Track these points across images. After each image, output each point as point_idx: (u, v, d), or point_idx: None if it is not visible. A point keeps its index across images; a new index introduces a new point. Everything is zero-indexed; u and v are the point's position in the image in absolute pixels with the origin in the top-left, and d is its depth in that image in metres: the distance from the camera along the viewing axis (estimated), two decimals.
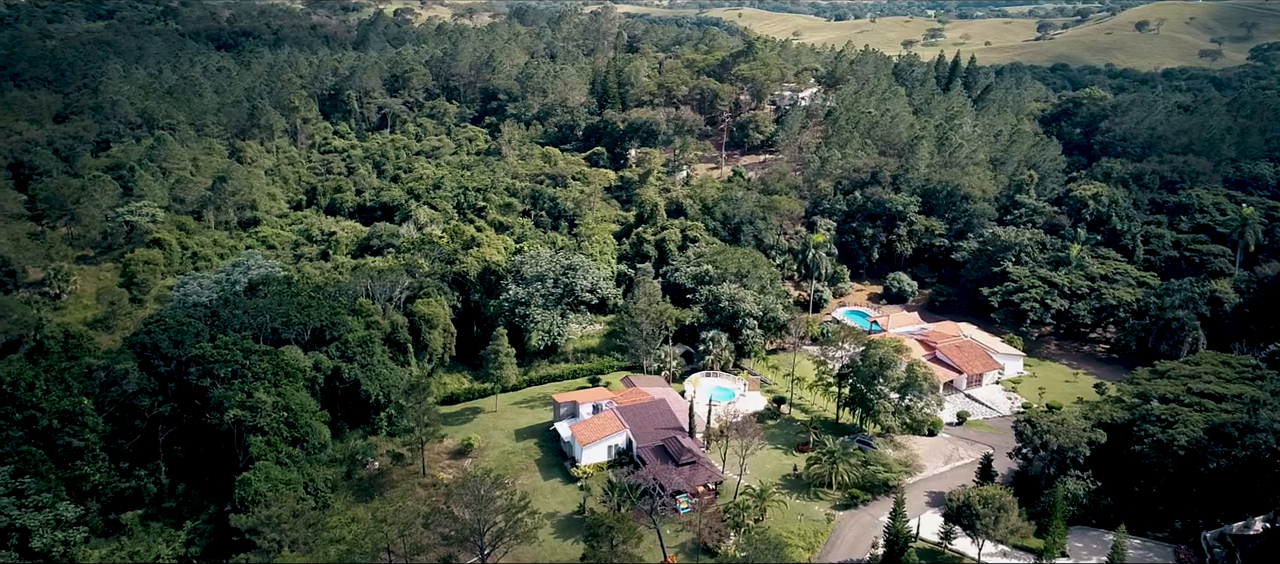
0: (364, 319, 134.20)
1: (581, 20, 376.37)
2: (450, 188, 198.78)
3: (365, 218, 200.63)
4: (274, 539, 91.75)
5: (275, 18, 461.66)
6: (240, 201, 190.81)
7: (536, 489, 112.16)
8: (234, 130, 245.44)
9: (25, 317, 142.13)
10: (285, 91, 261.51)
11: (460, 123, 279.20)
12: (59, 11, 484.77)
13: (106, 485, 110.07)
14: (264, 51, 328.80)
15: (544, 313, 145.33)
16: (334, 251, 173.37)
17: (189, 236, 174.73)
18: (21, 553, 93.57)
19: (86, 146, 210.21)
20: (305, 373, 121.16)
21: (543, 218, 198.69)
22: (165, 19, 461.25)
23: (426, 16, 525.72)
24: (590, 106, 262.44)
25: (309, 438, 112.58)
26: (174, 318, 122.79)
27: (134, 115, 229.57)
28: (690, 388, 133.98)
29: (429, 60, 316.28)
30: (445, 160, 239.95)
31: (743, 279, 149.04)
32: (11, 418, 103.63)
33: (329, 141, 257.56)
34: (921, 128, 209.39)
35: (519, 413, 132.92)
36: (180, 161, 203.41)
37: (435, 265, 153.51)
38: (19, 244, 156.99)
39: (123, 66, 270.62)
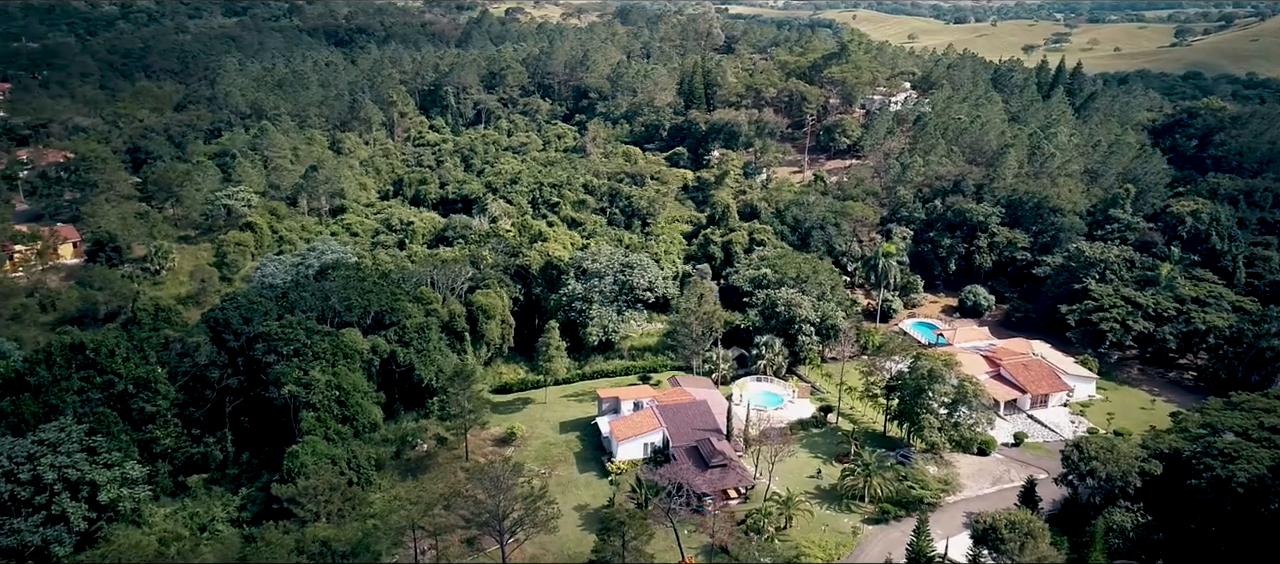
0: (424, 306, 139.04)
1: (680, 20, 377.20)
2: (527, 183, 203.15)
3: (447, 209, 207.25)
4: (311, 509, 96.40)
5: (390, 16, 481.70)
6: (330, 190, 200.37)
7: (571, 481, 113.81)
8: (336, 122, 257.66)
9: (125, 290, 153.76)
10: (385, 86, 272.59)
11: (551, 120, 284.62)
12: (199, 9, 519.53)
13: (176, 449, 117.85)
14: (372, 47, 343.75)
15: (600, 309, 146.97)
16: (410, 241, 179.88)
17: (279, 221, 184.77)
18: (91, 505, 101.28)
19: (199, 134, 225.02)
20: (362, 355, 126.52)
21: (617, 216, 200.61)
22: (290, 16, 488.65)
23: (537, 15, 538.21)
24: (676, 106, 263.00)
25: (358, 417, 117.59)
26: (246, 297, 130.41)
27: (244, 106, 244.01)
28: (737, 391, 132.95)
29: (526, 58, 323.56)
30: (532, 156, 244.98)
31: (802, 284, 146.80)
32: (92, 381, 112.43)
33: (423, 135, 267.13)
34: (1013, 136, 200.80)
35: (567, 406, 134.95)
36: (281, 150, 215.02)
37: (499, 258, 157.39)
38: (126, 222, 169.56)
39: (239, 60, 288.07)
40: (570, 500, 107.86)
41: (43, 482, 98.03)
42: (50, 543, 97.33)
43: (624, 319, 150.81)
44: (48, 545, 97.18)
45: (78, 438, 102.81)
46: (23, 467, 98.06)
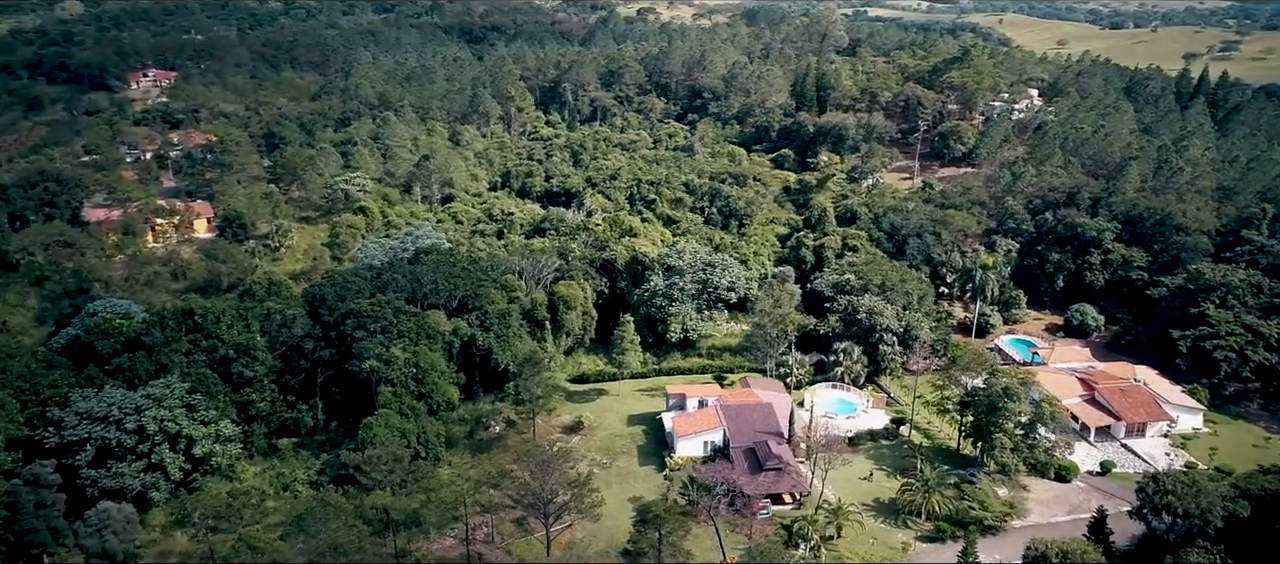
0: (507, 293, 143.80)
1: (803, 22, 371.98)
2: (626, 179, 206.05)
3: (550, 202, 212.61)
4: (375, 478, 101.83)
5: (523, 14, 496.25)
6: (441, 179, 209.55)
7: (630, 473, 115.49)
8: (456, 115, 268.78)
9: (245, 264, 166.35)
10: (504, 82, 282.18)
11: (664, 119, 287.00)
12: (352, 6, 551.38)
13: (272, 413, 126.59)
14: (500, 45, 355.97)
15: (680, 306, 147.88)
16: (508, 231, 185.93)
17: (391, 207, 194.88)
18: (187, 457, 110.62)
19: (329, 123, 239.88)
20: (444, 336, 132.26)
21: (714, 216, 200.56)
22: (431, 13, 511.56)
23: (668, 16, 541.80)
24: (787, 108, 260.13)
25: (434, 394, 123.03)
26: (342, 275, 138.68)
27: (373, 97, 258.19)
28: (809, 396, 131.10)
29: (644, 57, 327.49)
30: (640, 154, 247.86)
31: (886, 292, 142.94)
32: (198, 344, 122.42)
33: (537, 130, 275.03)
34: (1139, 148, 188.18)
35: (639, 400, 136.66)
36: (401, 140, 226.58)
37: (587, 251, 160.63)
38: (253, 202, 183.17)
39: (373, 54, 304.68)
40: (626, 492, 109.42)
41: (146, 432, 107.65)
42: (149, 488, 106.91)
43: (704, 318, 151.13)
44: (147, 490, 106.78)
45: (180, 395, 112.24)
46: (130, 417, 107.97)
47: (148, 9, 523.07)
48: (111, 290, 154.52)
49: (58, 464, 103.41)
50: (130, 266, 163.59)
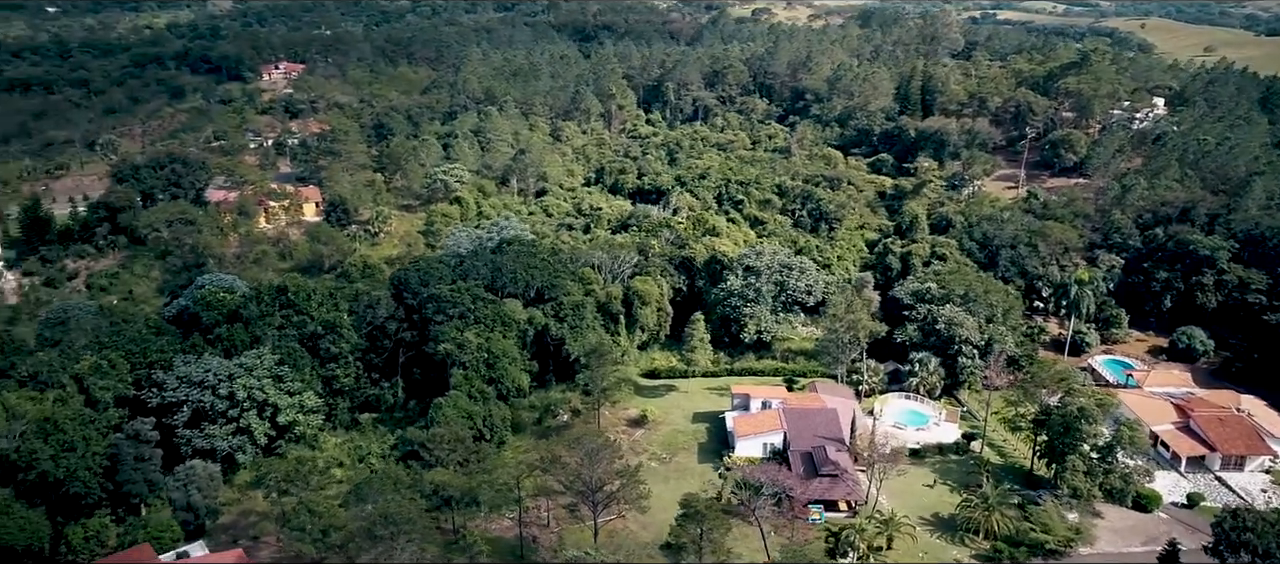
0: (584, 286, 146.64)
1: (917, 24, 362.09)
2: (715, 178, 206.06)
3: (641, 199, 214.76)
4: (436, 455, 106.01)
5: (636, 14, 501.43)
6: (536, 173, 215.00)
7: (687, 470, 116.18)
8: (558, 111, 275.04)
9: (345, 246, 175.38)
10: (607, 80, 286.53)
11: (765, 120, 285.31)
12: (475, 4, 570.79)
13: (356, 389, 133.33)
14: (608, 43, 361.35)
15: (755, 308, 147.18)
16: (595, 226, 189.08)
17: (486, 198, 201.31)
18: (272, 424, 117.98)
19: (436, 116, 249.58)
20: (519, 325, 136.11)
21: (804, 218, 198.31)
22: (548, 12, 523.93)
23: (783, 16, 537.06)
24: (889, 112, 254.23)
25: (504, 380, 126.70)
26: (427, 261, 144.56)
27: (479, 92, 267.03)
28: (878, 405, 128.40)
29: (749, 58, 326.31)
30: (737, 154, 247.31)
31: (968, 303, 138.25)
32: (290, 320, 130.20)
33: (637, 128, 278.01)
34: (1267, 163, 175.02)
35: (707, 398, 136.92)
36: (501, 134, 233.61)
37: (666, 248, 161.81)
38: (357, 189, 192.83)
39: (484, 51, 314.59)
40: (681, 488, 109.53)
41: (236, 399, 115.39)
42: (236, 451, 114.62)
43: (780, 320, 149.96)
44: (234, 452, 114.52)
45: (269, 366, 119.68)
46: (223, 383, 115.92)
47: (287, 5, 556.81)
48: (224, 266, 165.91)
49: (157, 422, 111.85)
50: (242, 245, 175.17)
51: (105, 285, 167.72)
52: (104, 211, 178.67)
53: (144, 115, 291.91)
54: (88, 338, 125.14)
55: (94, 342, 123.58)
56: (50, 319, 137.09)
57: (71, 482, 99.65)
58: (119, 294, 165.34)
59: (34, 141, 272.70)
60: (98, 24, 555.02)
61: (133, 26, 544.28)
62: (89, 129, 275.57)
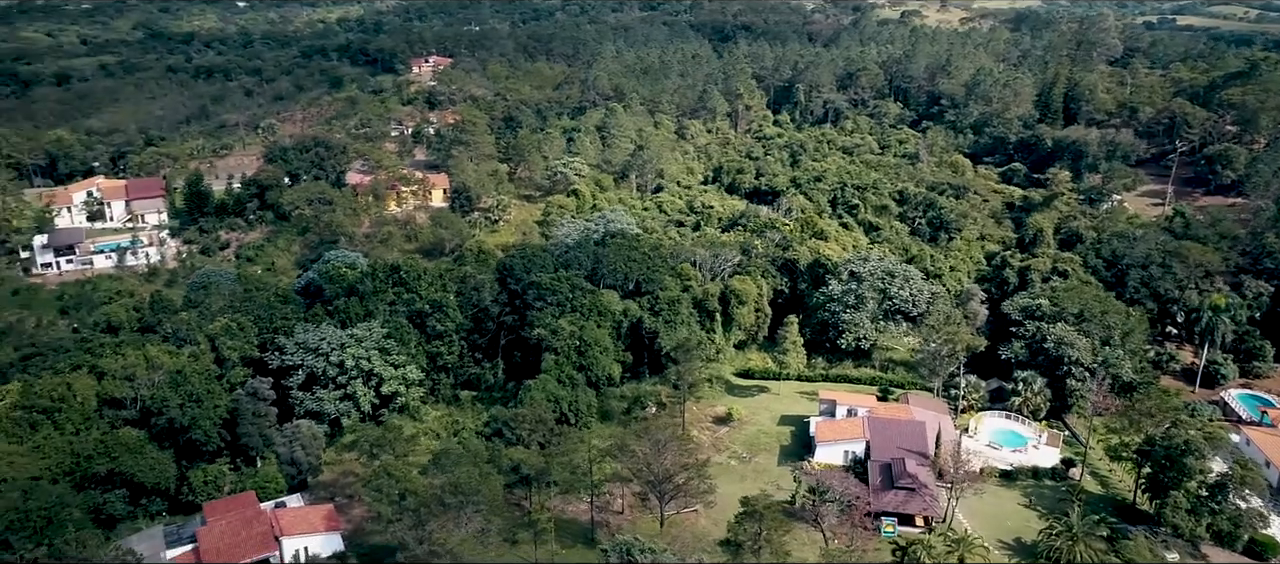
0: (682, 282, 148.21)
1: (1071, 28, 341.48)
2: (831, 181, 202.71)
3: (758, 199, 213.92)
4: (517, 434, 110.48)
5: (777, 14, 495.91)
6: (654, 169, 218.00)
7: (765, 470, 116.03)
8: (685, 109, 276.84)
9: (465, 232, 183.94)
10: (736, 79, 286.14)
11: (897, 124, 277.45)
12: (621, 3, 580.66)
13: (459, 366, 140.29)
14: (742, 43, 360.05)
15: (855, 314, 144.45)
16: (705, 224, 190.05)
17: (602, 192, 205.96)
18: (376, 393, 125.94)
19: (564, 110, 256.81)
20: (614, 316, 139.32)
21: (922, 226, 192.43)
22: (690, 11, 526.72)
23: (935, 19, 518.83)
24: (1028, 119, 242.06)
25: (594, 368, 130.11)
26: (532, 250, 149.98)
27: (608, 89, 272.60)
28: (973, 422, 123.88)
29: (886, 60, 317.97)
30: (862, 158, 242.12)
31: (1083, 323, 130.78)
32: (401, 297, 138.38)
33: (763, 129, 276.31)
34: None
35: (796, 401, 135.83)
36: (624, 130, 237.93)
37: (770, 249, 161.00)
38: (480, 178, 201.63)
39: (617, 48, 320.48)
40: (755, 487, 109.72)
41: (345, 366, 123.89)
42: (342, 415, 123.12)
43: (881, 329, 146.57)
44: (340, 416, 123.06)
45: (377, 338, 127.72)
46: (335, 352, 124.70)
47: (445, 2, 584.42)
48: (355, 244, 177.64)
49: (275, 383, 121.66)
50: (373, 225, 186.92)
51: (252, 256, 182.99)
52: (255, 189, 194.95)
53: (305, 102, 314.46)
54: (224, 302, 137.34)
55: (228, 306, 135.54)
56: (195, 283, 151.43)
57: (194, 429, 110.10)
58: (263, 265, 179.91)
59: (210, 123, 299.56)
60: (279, 17, 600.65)
61: (308, 21, 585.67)
62: (257, 113, 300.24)
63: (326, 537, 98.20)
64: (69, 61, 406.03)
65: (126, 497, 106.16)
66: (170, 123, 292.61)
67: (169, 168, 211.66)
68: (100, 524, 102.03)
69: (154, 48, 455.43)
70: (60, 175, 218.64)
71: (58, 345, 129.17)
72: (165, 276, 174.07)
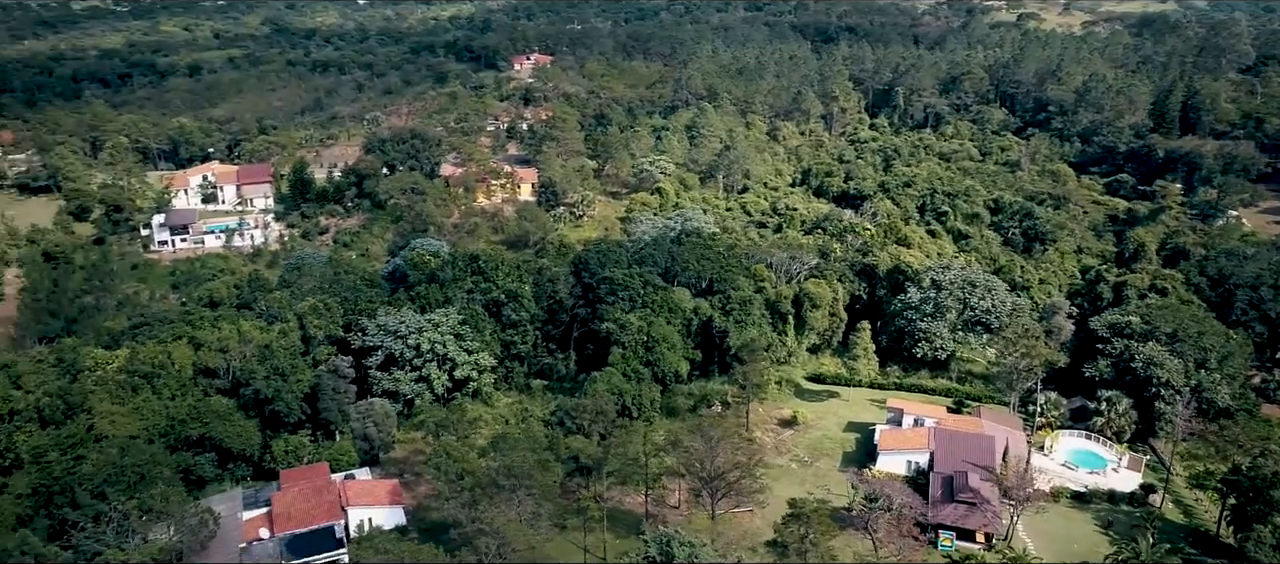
0: (755, 282, 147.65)
1: (1197, 33, 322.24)
2: (920, 187, 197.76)
3: (846, 203, 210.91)
4: (577, 423, 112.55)
5: (883, 15, 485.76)
6: (741, 170, 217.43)
7: (825, 476, 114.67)
8: (778, 110, 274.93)
9: (548, 225, 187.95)
10: (832, 82, 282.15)
11: (1001, 131, 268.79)
12: (726, 4, 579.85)
13: (531, 356, 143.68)
14: (843, 45, 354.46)
15: (933, 323, 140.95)
16: (787, 226, 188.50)
17: (686, 191, 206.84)
18: (449, 377, 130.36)
19: (655, 109, 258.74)
20: (685, 313, 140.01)
21: (1016, 236, 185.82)
22: (795, 12, 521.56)
23: (1055, 22, 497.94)
24: (1139, 128, 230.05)
25: (660, 363, 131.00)
26: (607, 245, 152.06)
27: (702, 89, 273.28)
28: (1048, 440, 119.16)
29: (992, 65, 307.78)
30: (959, 165, 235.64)
31: (1176, 343, 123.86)
32: (478, 285, 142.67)
33: (857, 132, 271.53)
34: None
35: (865, 408, 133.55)
36: (714, 130, 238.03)
37: (849, 253, 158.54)
38: (567, 174, 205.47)
39: (713, 48, 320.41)
40: (814, 491, 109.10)
41: (421, 350, 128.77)
42: (416, 396, 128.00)
43: (960, 340, 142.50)
44: (414, 397, 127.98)
45: (453, 324, 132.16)
46: (413, 335, 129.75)
47: (552, 2, 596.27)
48: (443, 234, 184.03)
49: (355, 362, 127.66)
50: (462, 216, 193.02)
51: (348, 242, 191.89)
52: (354, 177, 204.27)
53: (411, 97, 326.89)
54: (315, 284, 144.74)
55: (318, 287, 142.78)
56: (290, 265, 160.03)
57: (278, 401, 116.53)
58: (358, 250, 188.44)
59: (322, 114, 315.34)
60: (394, 14, 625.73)
61: (421, 18, 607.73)
62: (366, 106, 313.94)
63: (390, 510, 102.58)
64: (201, 54, 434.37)
65: (215, 460, 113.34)
66: (286, 114, 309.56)
67: (278, 155, 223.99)
68: (190, 484, 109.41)
69: (278, 42, 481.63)
70: (181, 160, 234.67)
71: (164, 317, 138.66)
72: (267, 258, 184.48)
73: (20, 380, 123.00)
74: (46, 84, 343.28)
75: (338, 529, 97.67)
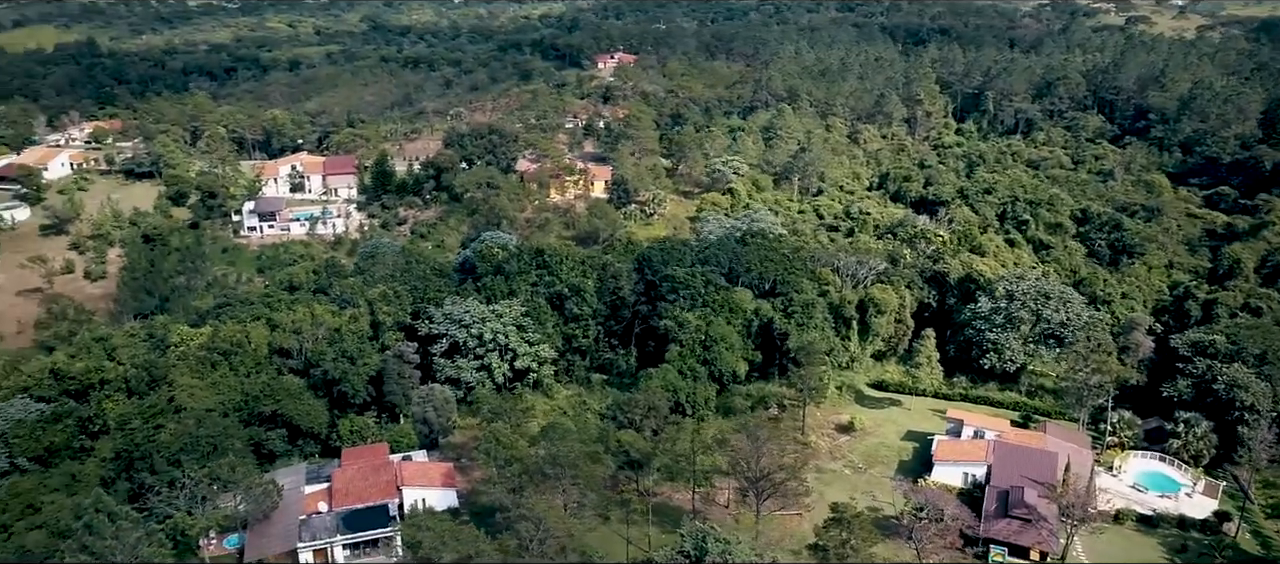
0: (818, 285, 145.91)
1: None
2: (1001, 195, 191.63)
3: (923, 209, 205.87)
4: (629, 417, 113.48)
5: (980, 17, 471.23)
6: (816, 172, 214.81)
7: (878, 484, 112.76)
8: (860, 113, 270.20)
9: (618, 223, 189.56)
10: (917, 85, 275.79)
11: (1096, 139, 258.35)
12: (817, 4, 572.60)
13: (593, 350, 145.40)
14: (932, 47, 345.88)
15: (1003, 334, 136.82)
16: (860, 230, 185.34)
17: (758, 192, 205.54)
18: (510, 367, 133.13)
19: (733, 109, 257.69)
20: (745, 314, 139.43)
21: (1101, 248, 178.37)
22: (888, 13, 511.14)
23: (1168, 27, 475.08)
24: (1247, 138, 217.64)
25: (717, 363, 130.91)
26: (671, 243, 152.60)
27: (782, 90, 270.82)
28: (1119, 461, 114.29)
29: (1090, 70, 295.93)
30: (1049, 173, 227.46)
31: (1265, 366, 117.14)
32: (542, 278, 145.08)
33: (942, 137, 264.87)
34: None
35: (926, 418, 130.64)
36: (791, 131, 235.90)
37: (919, 259, 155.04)
38: (639, 172, 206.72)
39: (797, 49, 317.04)
40: (864, 498, 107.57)
41: (483, 339, 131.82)
42: (478, 384, 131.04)
43: (1031, 353, 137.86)
44: (475, 385, 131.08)
45: (515, 315, 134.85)
46: (476, 324, 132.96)
47: (642, 2, 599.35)
48: (515, 228, 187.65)
49: (421, 348, 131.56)
50: (535, 211, 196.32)
51: (424, 233, 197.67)
52: (432, 170, 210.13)
53: (496, 93, 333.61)
54: (387, 271, 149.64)
55: (390, 275, 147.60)
56: (365, 252, 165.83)
57: (344, 383, 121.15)
58: (434, 241, 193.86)
59: (410, 109, 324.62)
60: (487, 13, 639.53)
61: (512, 17, 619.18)
62: (452, 102, 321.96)
63: (443, 492, 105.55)
64: (302, 50, 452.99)
65: (286, 436, 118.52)
66: (377, 108, 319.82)
67: (363, 148, 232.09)
68: (262, 458, 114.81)
69: (374, 39, 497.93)
70: (273, 150, 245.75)
71: (246, 298, 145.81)
72: (347, 245, 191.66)
73: (114, 353, 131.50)
74: (158, 76, 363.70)
75: (391, 507, 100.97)
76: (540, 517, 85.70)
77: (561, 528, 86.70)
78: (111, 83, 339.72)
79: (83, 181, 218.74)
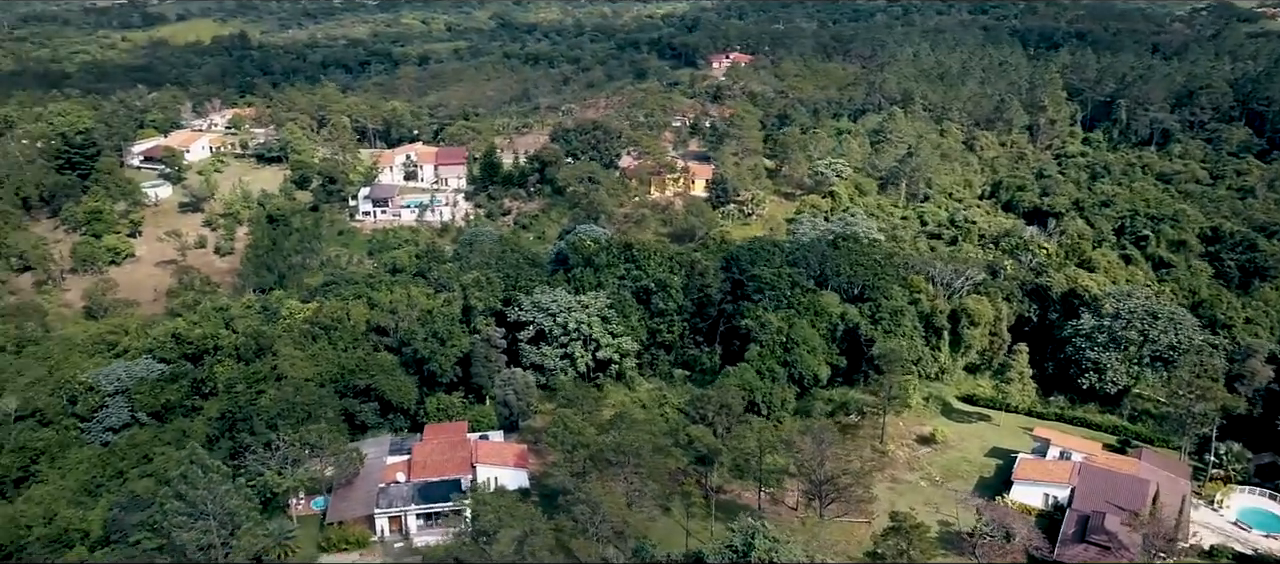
0: (909, 293, 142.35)
1: None
2: (1120, 208, 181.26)
3: (1036, 220, 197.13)
4: (701, 413, 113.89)
5: (1124, 20, 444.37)
6: (923, 178, 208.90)
7: (951, 499, 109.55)
8: (978, 119, 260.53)
9: (714, 222, 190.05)
10: (1042, 91, 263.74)
11: (1239, 153, 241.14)
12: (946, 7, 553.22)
13: (677, 345, 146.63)
14: (1063, 52, 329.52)
15: (1105, 354, 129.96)
16: (964, 239, 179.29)
17: (861, 196, 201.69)
18: (593, 357, 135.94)
19: (843, 111, 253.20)
20: (830, 318, 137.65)
21: (1231, 270, 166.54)
22: (1021, 16, 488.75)
23: None
24: None
25: (798, 365, 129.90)
26: (760, 243, 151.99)
27: (896, 93, 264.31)
28: (1221, 494, 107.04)
29: (1239, 79, 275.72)
30: (1179, 187, 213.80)
31: None
32: (629, 272, 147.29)
33: (1065, 146, 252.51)
34: None
35: (1016, 436, 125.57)
36: (902, 136, 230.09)
37: (1020, 271, 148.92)
38: (739, 172, 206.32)
39: (916, 52, 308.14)
40: (939, 513, 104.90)
41: (568, 328, 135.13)
42: (560, 371, 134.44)
43: (1134, 375, 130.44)
44: (558, 372, 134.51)
45: (600, 307, 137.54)
46: (562, 314, 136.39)
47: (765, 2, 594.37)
48: (612, 222, 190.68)
49: (508, 333, 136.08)
50: (633, 207, 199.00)
51: (526, 223, 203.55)
52: (537, 164, 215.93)
53: (610, 91, 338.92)
54: (483, 258, 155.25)
55: (485, 262, 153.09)
56: (464, 240, 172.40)
57: (432, 362, 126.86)
58: (535, 233, 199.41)
59: (527, 104, 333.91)
60: (610, 11, 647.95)
61: (636, 16, 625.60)
62: (567, 98, 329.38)
63: (515, 472, 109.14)
64: (432, 45, 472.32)
65: (377, 409, 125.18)
66: (495, 103, 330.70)
67: (474, 140, 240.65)
68: (355, 429, 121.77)
69: (500, 36, 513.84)
70: (392, 140, 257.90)
71: (351, 277, 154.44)
72: (453, 233, 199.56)
73: (231, 322, 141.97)
74: (298, 69, 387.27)
75: (464, 482, 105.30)
76: (598, 501, 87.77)
77: (618, 514, 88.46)
78: (256, 73, 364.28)
79: (219, 163, 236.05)
